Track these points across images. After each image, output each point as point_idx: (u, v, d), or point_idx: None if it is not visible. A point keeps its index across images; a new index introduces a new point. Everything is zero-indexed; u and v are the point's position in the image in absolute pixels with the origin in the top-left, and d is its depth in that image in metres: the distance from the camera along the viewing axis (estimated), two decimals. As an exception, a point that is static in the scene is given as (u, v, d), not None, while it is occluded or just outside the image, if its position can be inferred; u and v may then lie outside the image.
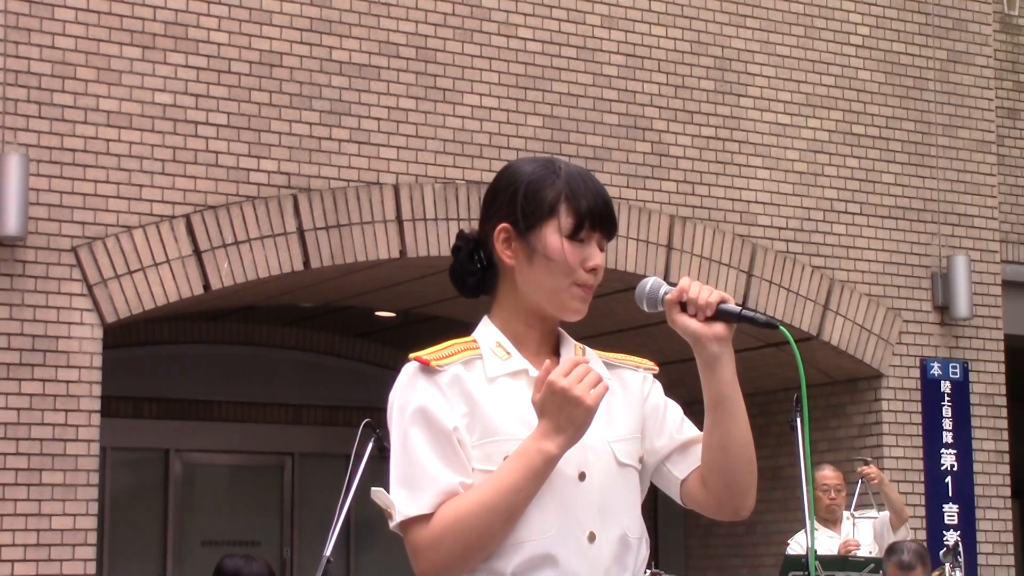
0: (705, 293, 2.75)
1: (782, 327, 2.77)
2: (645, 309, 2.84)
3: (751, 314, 2.75)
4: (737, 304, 2.77)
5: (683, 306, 2.78)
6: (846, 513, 9.64)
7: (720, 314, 2.76)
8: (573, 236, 2.80)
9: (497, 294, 2.88)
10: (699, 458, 2.86)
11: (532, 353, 2.83)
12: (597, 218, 2.81)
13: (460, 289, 2.92)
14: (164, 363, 13.62)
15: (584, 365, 2.69)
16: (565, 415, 2.66)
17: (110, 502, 12.73)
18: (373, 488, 2.79)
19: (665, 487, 2.92)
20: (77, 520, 9.01)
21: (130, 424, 13.04)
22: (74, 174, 9.20)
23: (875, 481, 9.34)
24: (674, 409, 2.92)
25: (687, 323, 2.77)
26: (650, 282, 2.84)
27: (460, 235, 2.91)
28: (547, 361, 2.72)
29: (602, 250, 2.85)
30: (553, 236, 2.79)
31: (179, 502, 13.74)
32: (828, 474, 9.57)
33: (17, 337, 8.96)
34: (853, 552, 8.99)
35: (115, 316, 9.26)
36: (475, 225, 2.94)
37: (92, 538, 9.10)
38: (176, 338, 13.61)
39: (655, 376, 2.95)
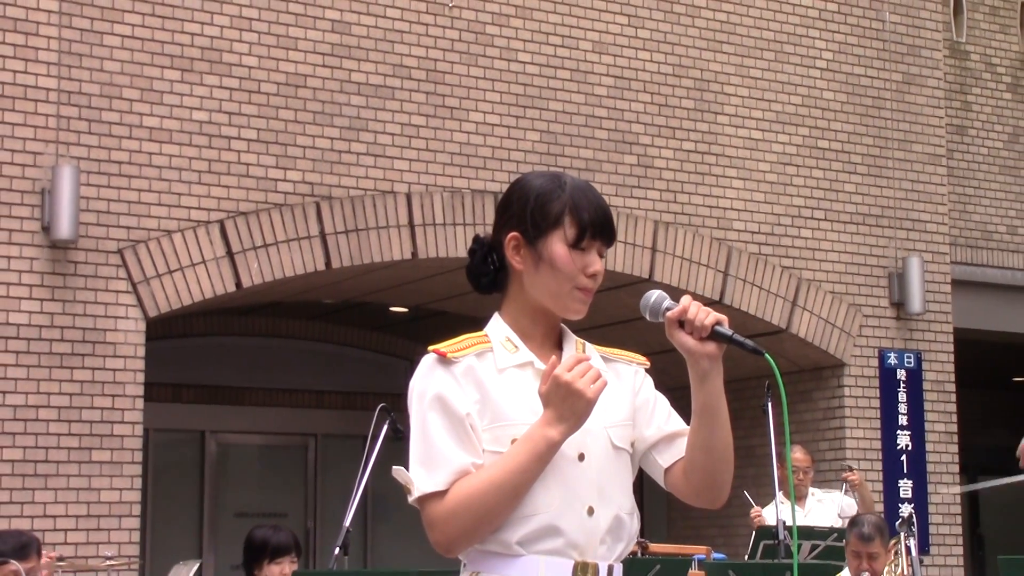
0: (702, 316, 2.74)
1: (767, 355, 2.76)
2: (647, 318, 2.83)
3: (741, 339, 2.74)
4: (729, 329, 2.76)
5: (681, 323, 2.77)
6: (813, 489, 9.68)
7: (714, 335, 2.74)
8: (576, 245, 2.80)
9: (507, 293, 2.88)
10: (683, 450, 2.86)
11: (537, 346, 2.84)
12: (598, 228, 2.81)
13: (475, 286, 2.92)
14: (200, 353, 13.62)
15: (586, 362, 2.70)
16: (568, 406, 2.67)
17: (152, 478, 12.73)
18: (394, 467, 2.80)
19: (651, 472, 2.93)
20: (123, 494, 9.02)
21: (170, 408, 13.04)
22: (120, 184, 9.21)
23: (856, 484, 9.54)
24: (662, 402, 2.92)
25: (683, 340, 2.76)
26: (655, 295, 2.81)
27: (476, 239, 2.91)
28: (553, 357, 2.73)
29: (602, 256, 2.85)
30: (558, 245, 2.79)
31: (214, 478, 13.74)
32: (799, 456, 9.60)
33: (69, 330, 8.97)
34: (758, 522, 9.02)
35: (156, 311, 9.26)
36: (480, 229, 2.95)
37: (136, 510, 9.11)
38: (211, 331, 13.62)
39: (646, 371, 2.96)
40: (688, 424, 2.86)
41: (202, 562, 10.39)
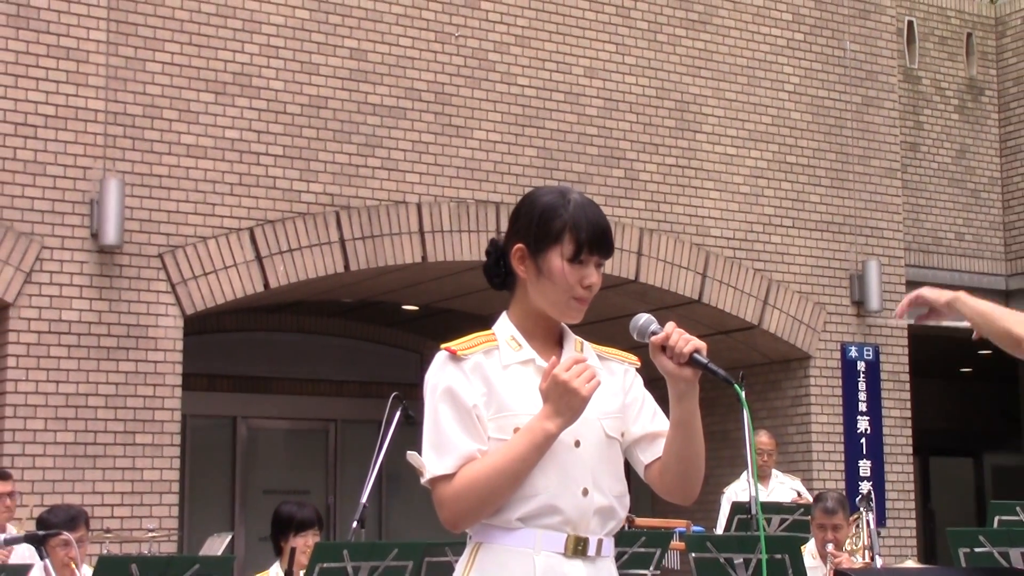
0: (682, 344, 2.71)
1: (736, 385, 2.72)
2: (635, 338, 2.79)
3: (714, 368, 2.70)
4: (705, 358, 2.72)
5: (664, 347, 2.73)
6: (776, 472, 9.67)
7: (691, 361, 2.71)
8: (573, 259, 2.77)
9: (514, 294, 2.85)
10: (662, 449, 2.86)
11: (539, 344, 2.82)
12: (594, 245, 2.78)
13: (490, 284, 2.91)
14: (232, 347, 13.61)
15: (583, 363, 2.69)
16: (565, 402, 2.66)
17: (189, 459, 12.72)
18: (408, 452, 2.79)
19: (633, 464, 2.91)
20: (163, 473, 9.02)
21: (205, 396, 13.03)
22: (161, 195, 9.21)
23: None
24: (650, 401, 2.90)
25: (664, 363, 2.73)
26: (643, 319, 2.78)
27: (492, 242, 2.88)
28: (553, 358, 2.72)
29: (599, 267, 2.82)
30: (556, 260, 2.76)
31: (244, 459, 13.73)
32: (765, 440, 9.57)
33: (115, 326, 8.97)
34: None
35: (193, 309, 9.26)
36: (484, 236, 2.94)
37: (175, 488, 9.11)
38: (242, 327, 13.61)
39: (636, 370, 2.94)
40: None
41: (234, 534, 10.38)
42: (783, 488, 9.46)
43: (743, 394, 2.81)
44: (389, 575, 5.47)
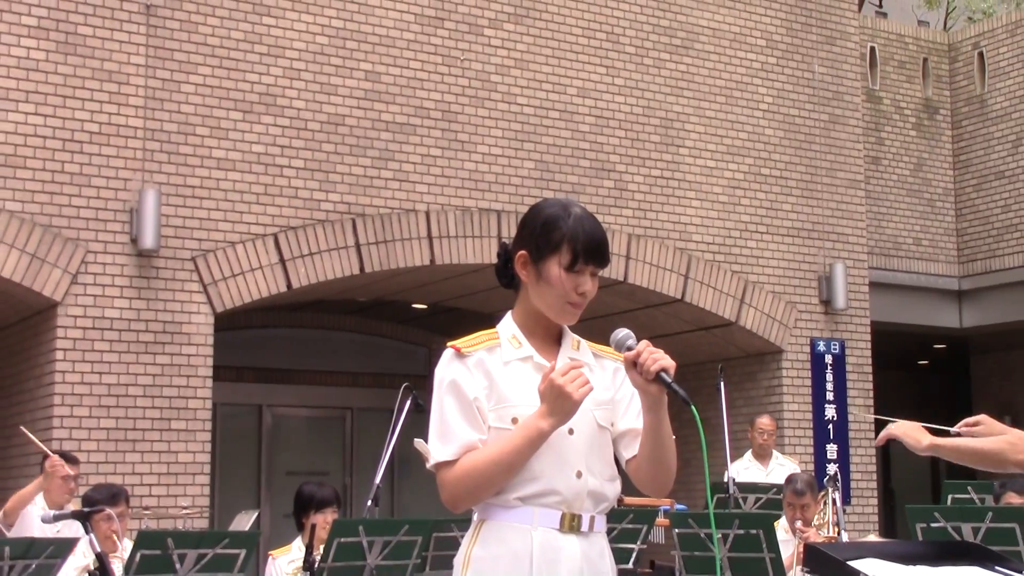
0: (650, 363, 2.69)
1: (692, 407, 2.68)
2: (612, 348, 2.80)
3: (676, 388, 2.68)
4: (670, 377, 2.69)
5: (635, 363, 2.72)
6: (776, 453, 9.68)
7: (657, 378, 2.70)
8: (570, 268, 2.76)
9: (518, 295, 2.86)
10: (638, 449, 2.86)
11: (539, 341, 2.83)
12: (589, 255, 2.77)
13: (499, 283, 2.91)
14: (258, 342, 13.61)
15: (577, 369, 2.69)
16: (558, 404, 2.66)
17: (219, 443, 12.72)
18: (415, 439, 2.81)
19: (617, 456, 2.92)
20: (196, 456, 9.02)
21: (234, 386, 13.04)
22: (194, 204, 9.21)
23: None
24: (637, 400, 2.88)
25: (634, 377, 2.73)
26: (621, 333, 2.77)
27: (502, 246, 2.89)
28: (553, 362, 2.74)
29: (594, 275, 2.82)
30: (554, 268, 2.76)
31: (269, 443, 13.73)
32: (765, 421, 9.58)
33: (152, 323, 8.98)
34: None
35: (223, 307, 9.27)
36: (486, 241, 2.95)
37: (207, 469, 9.11)
38: (267, 323, 13.62)
39: None
40: None
41: (260, 512, 10.38)
42: (783, 469, 9.44)
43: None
44: (400, 549, 5.48)
